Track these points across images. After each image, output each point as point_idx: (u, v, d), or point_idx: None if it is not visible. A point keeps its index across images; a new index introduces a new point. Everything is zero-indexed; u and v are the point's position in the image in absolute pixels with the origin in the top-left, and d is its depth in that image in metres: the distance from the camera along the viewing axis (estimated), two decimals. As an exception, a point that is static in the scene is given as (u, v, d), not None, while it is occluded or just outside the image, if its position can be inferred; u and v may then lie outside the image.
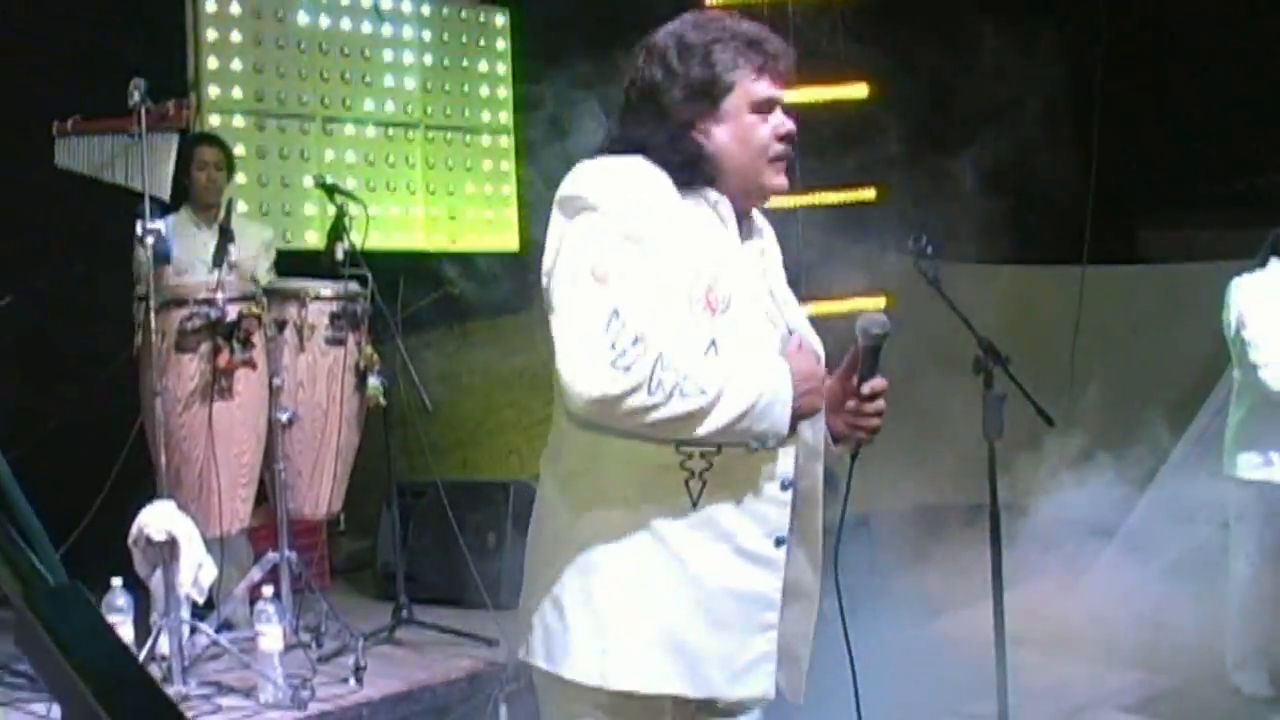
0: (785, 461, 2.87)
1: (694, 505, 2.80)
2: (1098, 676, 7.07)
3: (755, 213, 3.07)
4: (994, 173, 8.09)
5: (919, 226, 5.32)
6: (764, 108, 2.91)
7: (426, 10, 9.14)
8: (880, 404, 2.95)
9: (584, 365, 2.67)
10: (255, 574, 5.90)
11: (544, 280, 2.83)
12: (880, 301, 8.28)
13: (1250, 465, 6.46)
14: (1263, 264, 6.62)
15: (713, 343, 2.77)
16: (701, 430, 2.71)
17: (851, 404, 2.95)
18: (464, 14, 9.34)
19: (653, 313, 2.70)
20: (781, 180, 2.95)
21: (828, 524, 3.02)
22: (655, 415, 2.67)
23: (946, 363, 5.34)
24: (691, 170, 2.86)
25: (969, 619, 7.61)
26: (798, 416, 2.81)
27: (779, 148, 2.92)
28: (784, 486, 2.87)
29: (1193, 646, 7.38)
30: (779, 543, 2.88)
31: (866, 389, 2.93)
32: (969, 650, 7.13)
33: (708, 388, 2.68)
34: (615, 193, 2.78)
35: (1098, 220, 9.76)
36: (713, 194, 2.89)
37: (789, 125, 2.93)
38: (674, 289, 2.75)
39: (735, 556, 2.83)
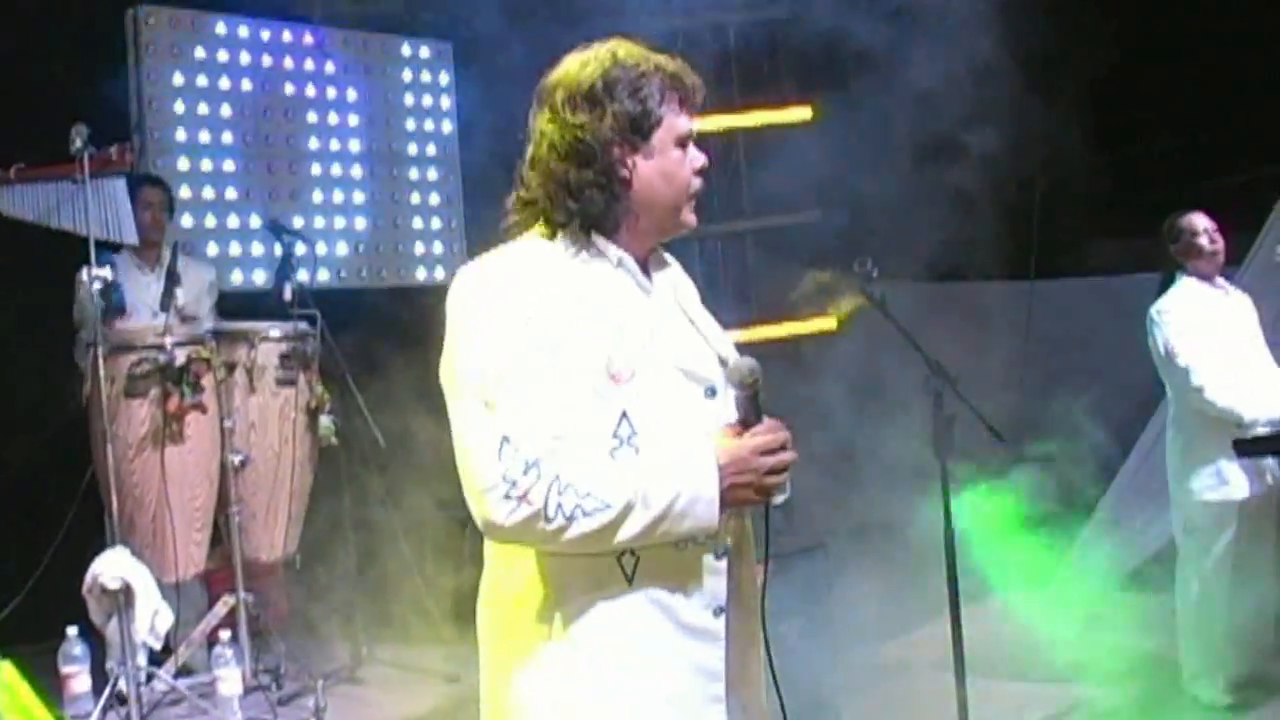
0: (719, 531, 2.78)
1: (630, 583, 2.74)
2: (1058, 691, 7.09)
3: (667, 258, 3.00)
4: (941, 190, 8.13)
5: (864, 249, 5.34)
6: (684, 142, 2.86)
7: (369, 46, 9.13)
8: (773, 460, 2.77)
9: (480, 497, 2.64)
10: (212, 618, 5.86)
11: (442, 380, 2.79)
12: (830, 322, 8.31)
13: (1206, 486, 6.50)
14: (1170, 282, 6.68)
15: (624, 414, 2.70)
16: (620, 539, 2.64)
17: (746, 454, 2.78)
18: (405, 48, 9.34)
19: (545, 431, 2.63)
20: (693, 218, 2.90)
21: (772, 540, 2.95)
22: (565, 537, 2.63)
23: (899, 383, 5.36)
24: (601, 217, 2.80)
25: (928, 638, 7.64)
26: (729, 506, 2.72)
27: (697, 183, 2.88)
28: (718, 555, 2.80)
29: (1151, 657, 7.43)
30: (718, 612, 2.80)
31: (755, 441, 2.77)
32: (929, 670, 7.17)
33: (613, 500, 2.62)
34: (497, 300, 2.71)
35: (1045, 234, 9.84)
36: (614, 251, 2.82)
37: (702, 160, 2.88)
38: (570, 384, 2.67)
39: (677, 631, 2.76)
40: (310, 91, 8.77)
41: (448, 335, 2.76)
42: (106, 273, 5.57)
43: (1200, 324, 6.52)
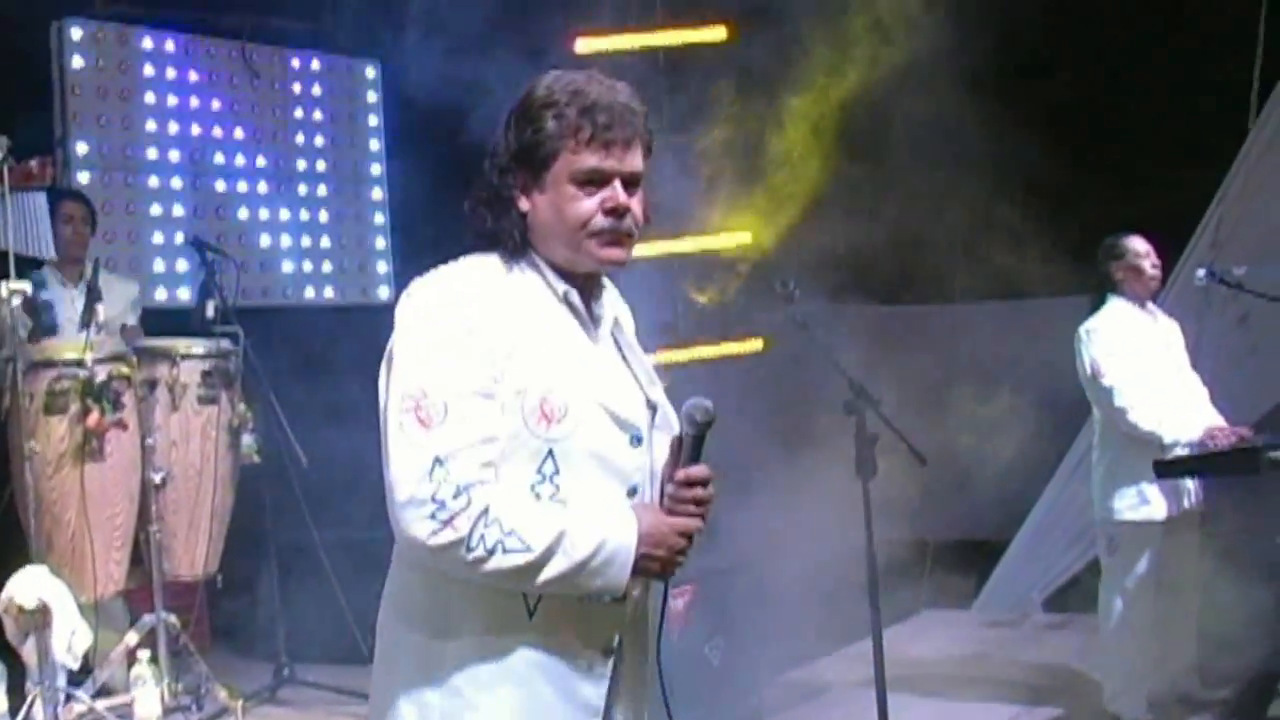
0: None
1: (530, 616, 2.73)
2: (980, 710, 7.14)
3: (605, 282, 2.97)
4: (867, 214, 8.19)
5: (787, 272, 5.37)
6: (590, 180, 2.78)
7: (296, 63, 9.10)
8: (699, 492, 2.80)
9: (405, 516, 2.63)
10: (132, 637, 5.80)
11: (380, 398, 2.77)
12: (758, 344, 8.33)
13: (1128, 506, 6.55)
14: (1100, 303, 6.75)
15: (550, 452, 2.70)
16: (536, 583, 2.65)
17: (670, 489, 2.81)
18: (333, 66, 9.31)
19: (478, 457, 2.64)
20: (611, 253, 2.81)
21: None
22: (482, 569, 2.63)
23: (821, 404, 5.38)
24: (519, 242, 2.80)
25: (850, 658, 7.68)
26: (636, 574, 2.73)
27: (603, 223, 2.78)
28: (615, 599, 2.78)
29: (1072, 676, 7.50)
30: (607, 653, 2.80)
31: (681, 475, 2.80)
32: (851, 690, 7.20)
33: (535, 543, 2.62)
34: (440, 320, 2.70)
35: (969, 256, 9.90)
36: (561, 285, 2.81)
37: (619, 199, 2.79)
38: (506, 413, 2.67)
39: (568, 669, 2.76)
40: (236, 108, 8.72)
41: (392, 346, 2.75)
42: (26, 287, 5.52)
43: (1128, 345, 6.57)
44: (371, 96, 9.50)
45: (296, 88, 9.07)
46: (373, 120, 9.50)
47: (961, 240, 9.76)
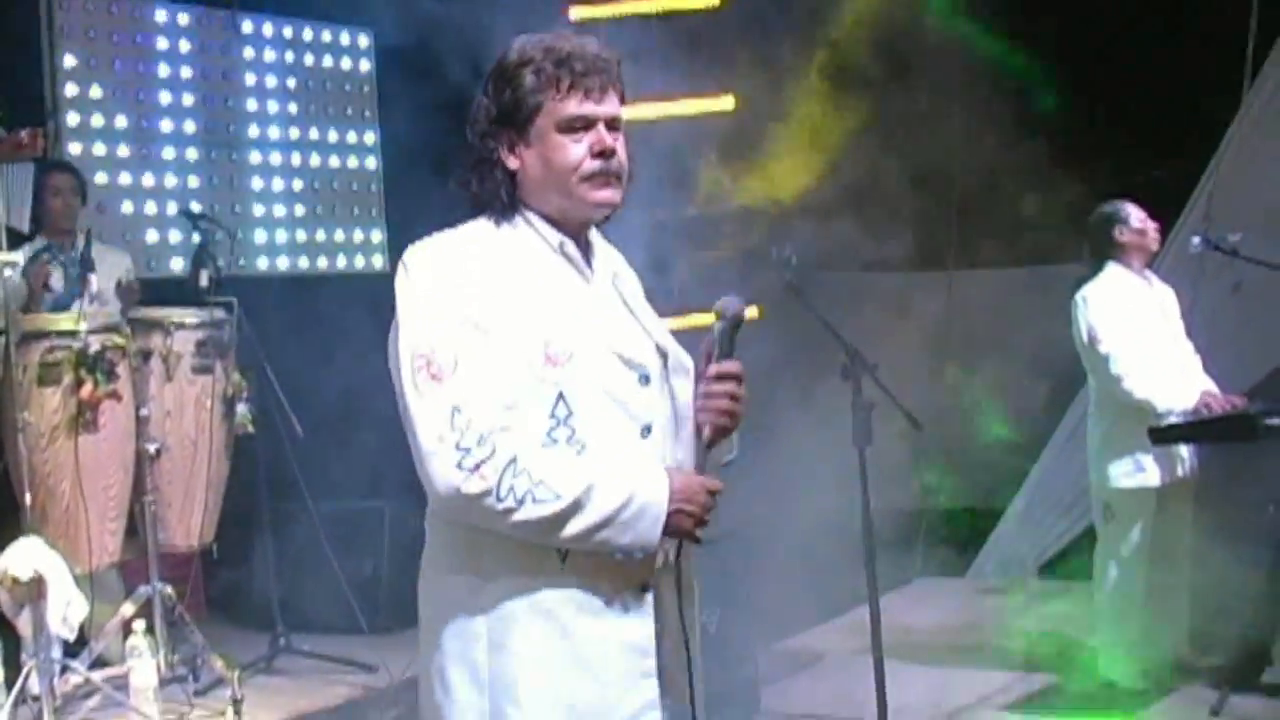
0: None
1: (563, 561, 2.77)
2: (975, 677, 7.15)
3: (599, 239, 3.02)
4: (864, 180, 8.16)
5: (783, 237, 5.35)
6: (575, 126, 2.85)
7: (289, 32, 9.05)
8: (731, 386, 2.89)
9: (433, 468, 2.68)
10: (127, 608, 5.79)
11: (392, 372, 2.81)
12: (754, 311, 8.31)
13: (1124, 473, 6.57)
14: (1097, 270, 6.74)
15: (560, 395, 2.74)
16: (563, 535, 2.69)
17: (701, 386, 2.92)
18: (326, 36, 9.27)
19: (494, 402, 2.69)
20: (603, 194, 2.87)
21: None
22: (511, 519, 2.67)
23: (817, 371, 5.37)
24: (507, 202, 2.86)
25: (846, 625, 7.69)
26: (667, 532, 2.77)
27: (593, 165, 2.84)
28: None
29: (1067, 643, 7.51)
30: (644, 589, 2.85)
31: (714, 369, 2.91)
32: (847, 657, 7.21)
33: (564, 492, 2.67)
34: (439, 280, 2.77)
35: (965, 224, 9.89)
36: (555, 236, 2.87)
37: (606, 141, 2.86)
38: (513, 362, 2.72)
39: (606, 609, 2.80)
40: (230, 77, 8.67)
41: (396, 313, 2.80)
42: (18, 258, 5.50)
43: (1125, 312, 6.58)
44: (365, 65, 9.46)
45: (289, 56, 9.02)
46: (365, 89, 9.46)
47: (956, 209, 9.76)
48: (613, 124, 2.89)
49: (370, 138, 9.45)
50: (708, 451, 2.91)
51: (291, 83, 9.02)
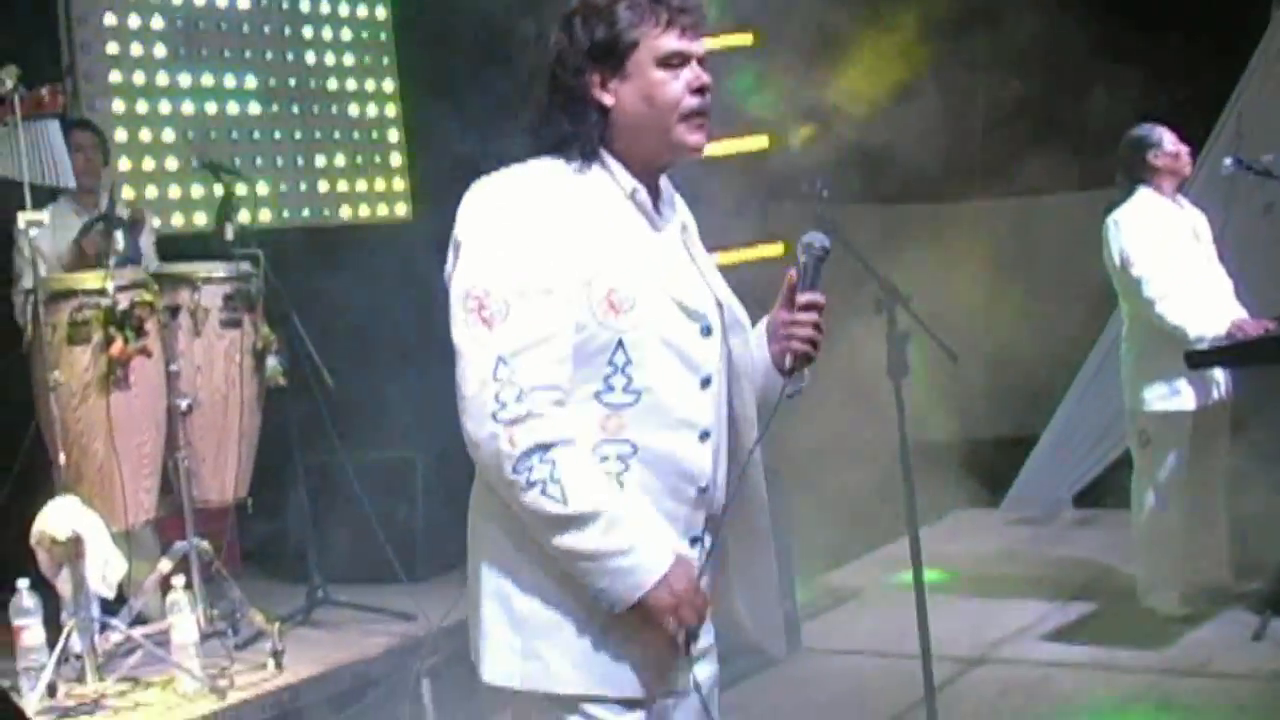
0: (702, 462, 2.83)
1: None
2: (1014, 608, 7.15)
3: (668, 188, 2.99)
4: (884, 112, 8.10)
5: (813, 171, 5.30)
6: (672, 62, 2.81)
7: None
8: (814, 316, 2.91)
9: (469, 413, 2.67)
10: (164, 565, 5.79)
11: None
12: (779, 248, 8.27)
13: (1158, 397, 6.55)
14: (1129, 194, 6.69)
15: (620, 343, 2.72)
16: (551, 541, 2.67)
17: (785, 315, 2.93)
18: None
19: (542, 359, 2.66)
20: (698, 138, 2.85)
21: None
22: (515, 495, 2.65)
23: (852, 305, 5.32)
24: (596, 143, 2.81)
25: (886, 558, 7.68)
26: (643, 608, 2.70)
27: (693, 102, 2.82)
28: (700, 491, 2.83)
29: (1106, 571, 7.50)
30: (694, 541, 2.85)
31: (803, 299, 2.91)
32: (888, 590, 7.21)
33: (574, 504, 2.64)
34: (503, 217, 2.74)
35: (986, 154, 9.82)
36: (629, 181, 2.83)
37: (704, 78, 2.84)
38: (572, 307, 2.69)
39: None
40: (245, 29, 8.61)
41: (454, 250, 2.78)
42: (44, 217, 5.48)
43: (1158, 236, 6.54)
44: (382, 12, 9.39)
45: (305, 6, 8.96)
46: (383, 36, 9.39)
47: (980, 138, 9.68)
48: (702, 62, 2.87)
49: (389, 85, 9.39)
50: (789, 377, 2.93)
51: (307, 32, 8.95)
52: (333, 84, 9.09)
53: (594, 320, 2.70)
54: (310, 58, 8.97)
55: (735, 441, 2.94)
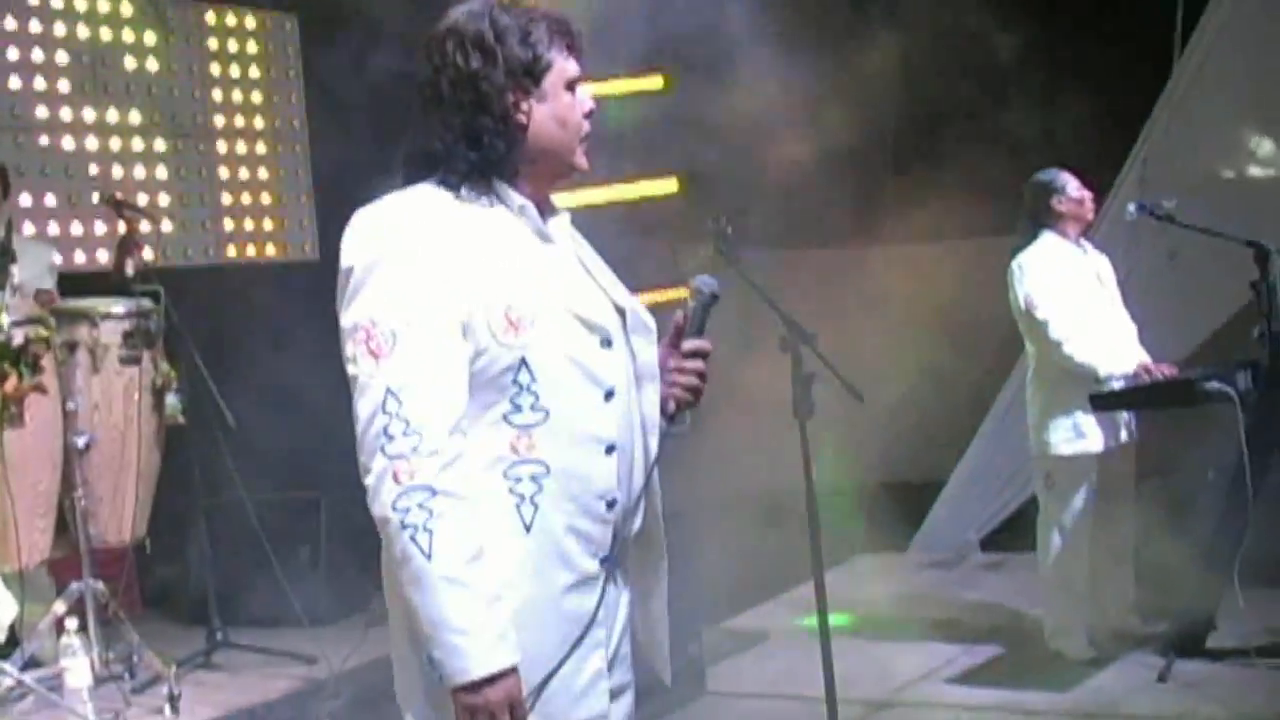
0: (609, 480, 2.78)
1: (527, 530, 2.71)
2: (921, 651, 7.15)
3: (551, 201, 2.96)
4: (792, 157, 8.13)
5: (717, 210, 5.29)
6: (573, 86, 2.85)
7: (212, 18, 8.92)
8: (699, 364, 2.93)
9: (361, 446, 2.62)
10: (59, 607, 5.69)
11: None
12: (682, 291, 8.25)
13: (1063, 439, 6.57)
14: (1032, 238, 6.74)
15: (523, 361, 2.67)
16: (402, 583, 2.60)
17: (672, 362, 2.93)
18: (250, 20, 9.14)
19: (430, 390, 2.60)
20: (585, 160, 2.88)
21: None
22: (384, 528, 2.59)
23: (756, 346, 5.31)
24: (501, 164, 2.78)
25: (791, 602, 7.66)
26: (457, 692, 2.60)
27: (586, 126, 2.87)
28: (609, 506, 2.79)
29: (1013, 615, 7.52)
30: (604, 561, 2.80)
31: (688, 346, 2.92)
32: (793, 634, 7.19)
33: (438, 562, 2.55)
34: (388, 245, 2.67)
35: (894, 199, 9.88)
36: (515, 198, 2.80)
37: (591, 103, 2.88)
38: (469, 332, 2.65)
39: (568, 577, 2.75)
40: (151, 65, 8.52)
41: (341, 281, 2.71)
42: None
43: (1061, 279, 6.59)
44: (291, 50, 9.33)
45: (213, 43, 8.89)
46: (291, 74, 9.34)
47: (885, 182, 9.74)
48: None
49: (297, 123, 9.32)
50: (670, 424, 2.91)
51: (215, 68, 8.88)
52: (240, 121, 9.02)
53: (495, 342, 2.66)
54: (217, 94, 8.90)
55: (645, 449, 2.91)
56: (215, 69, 8.90)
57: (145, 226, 6.66)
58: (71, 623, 5.37)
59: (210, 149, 8.85)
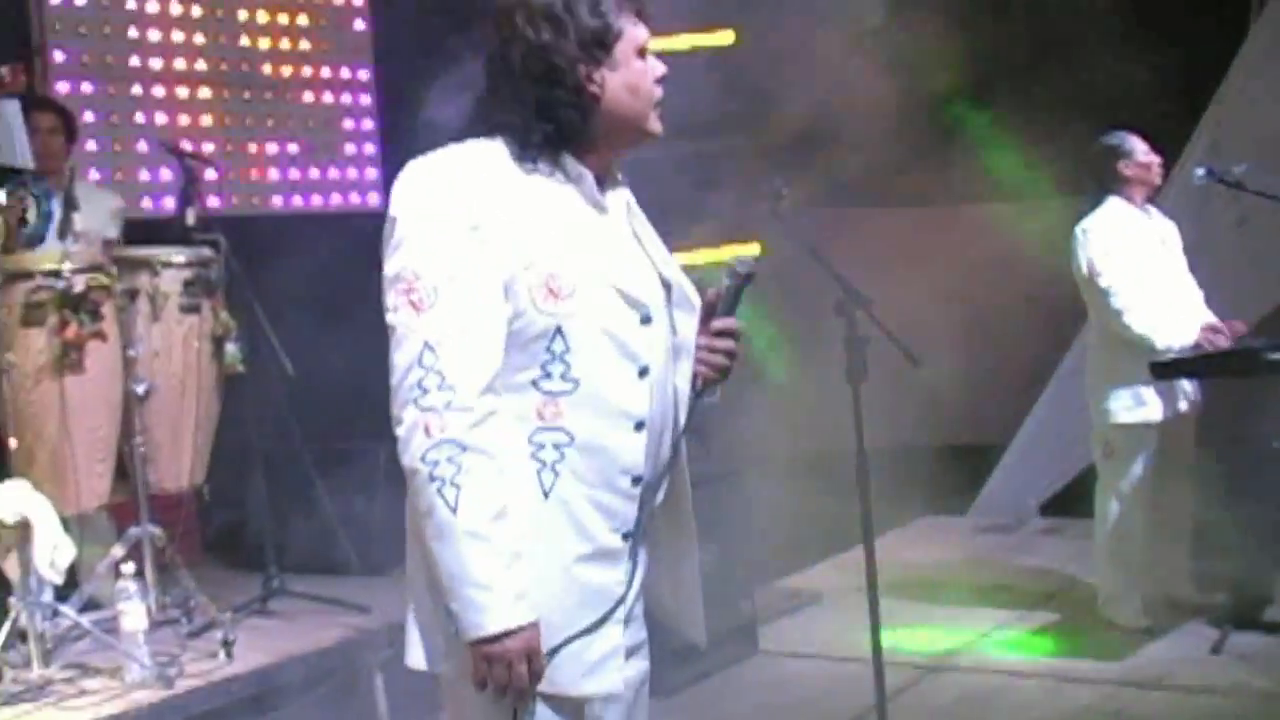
0: (636, 456, 2.78)
1: (545, 496, 2.72)
2: (976, 614, 7.12)
3: (617, 166, 2.96)
4: (855, 116, 8.06)
5: (774, 171, 5.26)
6: (644, 52, 2.84)
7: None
8: (729, 343, 2.92)
9: (395, 398, 2.64)
10: (117, 551, 5.74)
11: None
12: (754, 247, 8.23)
13: (1124, 408, 6.51)
14: (1098, 203, 6.65)
15: (559, 331, 2.68)
16: (427, 537, 2.62)
17: (702, 340, 2.92)
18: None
19: (467, 347, 2.62)
20: (659, 126, 2.88)
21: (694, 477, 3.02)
22: (411, 481, 2.63)
23: (812, 309, 5.28)
24: (577, 135, 2.78)
25: (843, 565, 7.65)
26: (480, 660, 2.63)
27: (659, 91, 2.87)
28: (634, 481, 2.79)
29: (1067, 581, 7.48)
30: (625, 537, 2.80)
31: (718, 325, 2.91)
32: (844, 595, 7.18)
33: (463, 515, 2.58)
34: (439, 198, 2.68)
35: (961, 159, 9.79)
36: (574, 166, 2.79)
37: (662, 68, 2.88)
38: (502, 298, 2.66)
39: (583, 548, 2.75)
40: (219, 13, 8.55)
41: (388, 229, 2.73)
42: (1, 196, 5.42)
43: (1125, 246, 6.51)
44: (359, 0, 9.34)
45: (280, -7, 8.92)
46: (359, 24, 9.33)
47: (952, 143, 9.65)
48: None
49: (364, 74, 9.33)
50: (698, 398, 2.91)
51: (283, 18, 8.89)
52: (307, 71, 9.03)
53: (533, 306, 2.67)
54: (285, 43, 8.91)
55: (675, 422, 2.92)
56: (283, 19, 8.90)
57: (208, 174, 6.69)
58: (127, 567, 5.41)
59: (276, 97, 8.86)
